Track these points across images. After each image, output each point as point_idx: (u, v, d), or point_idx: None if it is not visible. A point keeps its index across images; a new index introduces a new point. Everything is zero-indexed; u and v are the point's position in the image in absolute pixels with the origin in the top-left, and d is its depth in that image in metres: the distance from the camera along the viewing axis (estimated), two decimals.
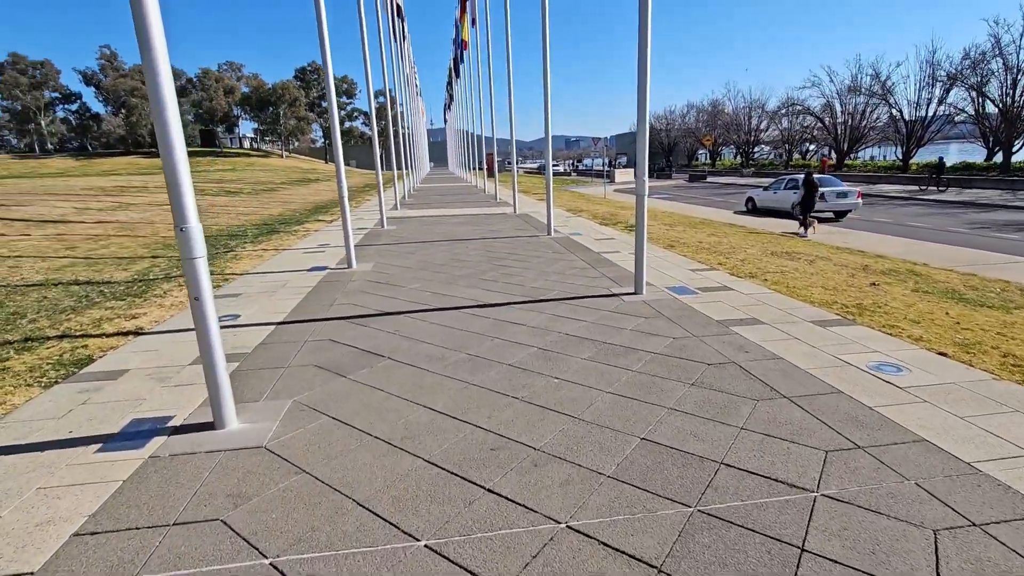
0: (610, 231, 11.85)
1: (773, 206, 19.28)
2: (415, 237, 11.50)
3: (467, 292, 6.57)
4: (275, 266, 8.55)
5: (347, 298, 6.42)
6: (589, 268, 7.85)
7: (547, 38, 10.20)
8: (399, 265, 8.40)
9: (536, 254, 9.07)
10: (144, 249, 10.41)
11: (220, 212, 17.13)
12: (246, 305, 6.19)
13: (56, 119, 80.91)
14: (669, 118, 66.30)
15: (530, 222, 13.75)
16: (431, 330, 5.12)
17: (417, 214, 16.46)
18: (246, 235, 12.35)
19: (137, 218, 14.75)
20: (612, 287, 6.68)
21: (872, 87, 35.78)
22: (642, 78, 5.77)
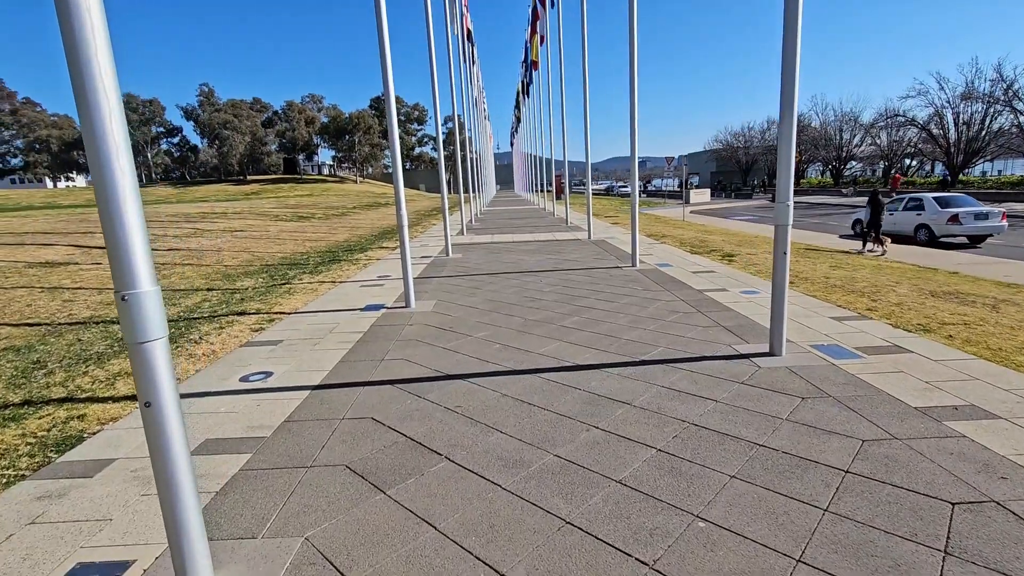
0: (705, 261, 10.19)
1: (889, 229, 16.68)
2: (482, 267, 10.38)
3: (545, 345, 5.26)
4: (327, 303, 7.65)
5: (400, 351, 5.29)
6: (694, 312, 6.32)
7: (635, 51, 8.91)
8: (463, 304, 7.25)
9: (623, 291, 7.64)
10: (202, 280, 9.96)
11: (287, 239, 16.97)
12: (284, 358, 5.20)
13: (161, 151, 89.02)
14: (747, 135, 62.78)
15: (608, 250, 12.31)
16: (503, 408, 3.84)
17: (484, 240, 15.46)
18: (307, 264, 11.77)
19: (207, 245, 14.72)
20: (734, 342, 5.14)
21: (993, 92, 31.51)
22: (788, 71, 4.31)
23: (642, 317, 6.18)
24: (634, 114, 9.26)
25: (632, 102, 9.23)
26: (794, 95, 4.36)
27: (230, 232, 17.97)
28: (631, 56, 8.98)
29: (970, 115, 33.37)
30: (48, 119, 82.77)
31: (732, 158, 65.92)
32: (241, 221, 22.01)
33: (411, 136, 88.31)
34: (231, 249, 14.20)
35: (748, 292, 7.29)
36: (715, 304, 6.67)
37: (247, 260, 12.53)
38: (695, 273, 8.89)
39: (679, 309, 6.49)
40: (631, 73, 9.05)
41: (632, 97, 9.21)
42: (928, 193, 16.19)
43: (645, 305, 6.76)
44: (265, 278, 10.06)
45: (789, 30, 4.24)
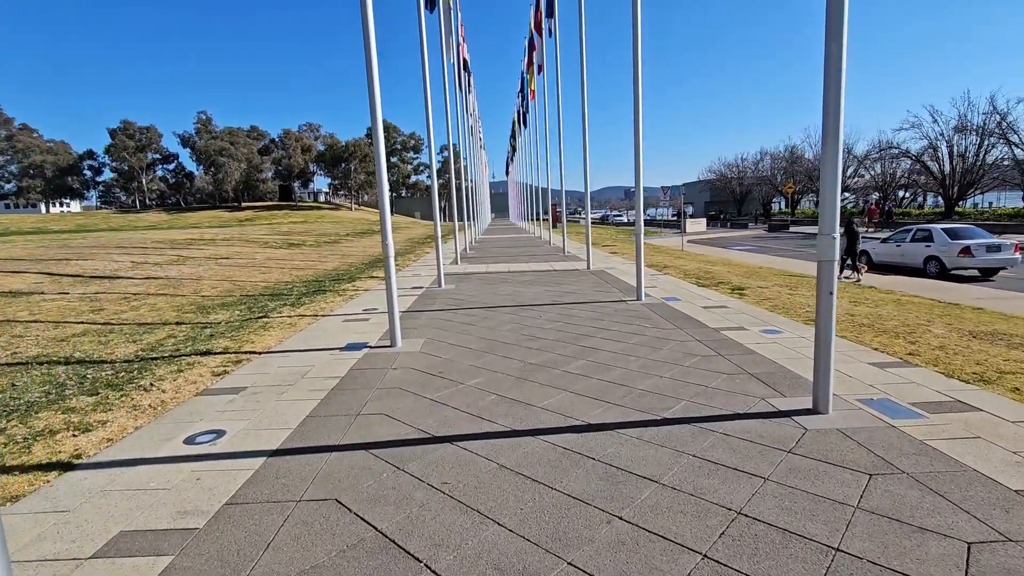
0: (714, 295, 9.54)
1: (896, 261, 16.22)
2: (476, 300, 9.69)
3: (549, 396, 4.53)
4: (305, 341, 6.90)
5: (380, 402, 4.54)
6: (714, 355, 5.63)
7: (639, 83, 8.46)
8: (455, 343, 6.52)
9: (630, 329, 6.95)
10: (174, 312, 9.20)
11: (273, 267, 16.27)
12: (243, 411, 4.43)
13: (156, 177, 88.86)
14: (741, 166, 63.31)
15: (609, 281, 11.67)
16: (501, 486, 3.09)
17: (479, 270, 14.82)
18: (289, 295, 11.04)
19: (188, 273, 13.99)
20: (768, 395, 4.43)
21: (986, 124, 31.71)
22: (833, 93, 3.74)
23: (656, 361, 5.48)
24: (639, 143, 8.74)
25: (636, 131, 8.72)
26: (839, 117, 3.77)
27: (215, 259, 17.27)
28: (635, 88, 8.51)
29: (964, 147, 33.55)
30: (44, 145, 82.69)
31: (726, 188, 66.32)
32: (228, 248, 21.33)
33: (407, 164, 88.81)
34: (212, 278, 13.47)
35: (769, 331, 6.62)
36: (736, 346, 5.98)
37: (227, 290, 11.79)
38: (706, 308, 8.22)
39: (696, 351, 5.80)
40: (635, 104, 8.57)
41: (636, 126, 8.71)
42: (937, 224, 15.79)
43: (657, 346, 6.06)
44: (242, 310, 9.31)
45: (832, 57, 3.68)
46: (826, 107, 3.78)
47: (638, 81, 8.46)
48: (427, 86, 11.07)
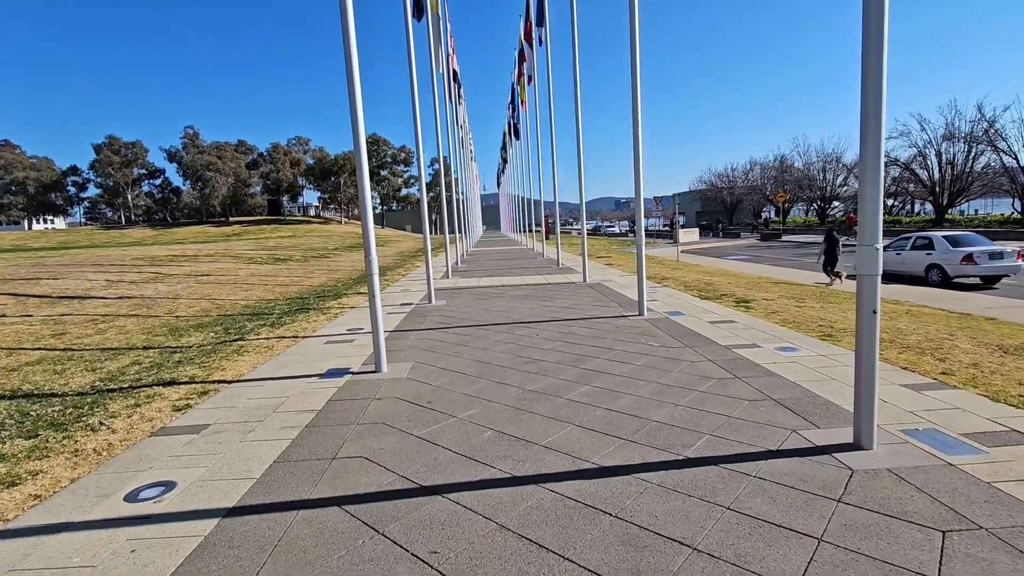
0: (719, 308, 9.08)
1: (896, 270, 15.92)
2: (468, 317, 9.16)
3: (552, 431, 4.00)
4: (281, 367, 6.32)
5: (360, 442, 3.98)
6: (730, 378, 5.13)
7: (637, 91, 8.06)
8: (446, 367, 5.98)
9: (636, 348, 6.44)
10: (143, 335, 8.58)
11: (256, 284, 15.63)
12: (200, 455, 3.85)
13: (142, 193, 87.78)
14: (731, 176, 63.58)
15: (608, 295, 11.19)
16: (501, 556, 2.54)
17: (471, 284, 14.29)
18: (270, 314, 10.44)
19: (164, 292, 13.33)
20: (800, 426, 3.93)
21: (974, 132, 31.88)
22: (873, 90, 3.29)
23: (668, 386, 4.96)
24: (638, 150, 8.31)
25: (636, 137, 8.29)
26: (880, 120, 3.32)
27: (195, 277, 16.60)
28: (633, 92, 8.11)
29: (953, 155, 33.72)
30: (26, 161, 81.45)
31: (717, 198, 66.54)
32: (211, 264, 20.65)
33: (397, 177, 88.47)
34: (189, 296, 12.82)
35: (785, 349, 6.14)
36: (752, 367, 5.49)
37: (204, 309, 11.15)
38: (713, 324, 7.74)
39: (710, 373, 5.29)
40: (634, 108, 8.16)
41: (635, 132, 8.28)
42: (938, 232, 15.53)
43: (667, 368, 5.56)
44: (218, 332, 8.70)
45: (872, 63, 3.24)
46: (865, 112, 3.34)
47: (636, 84, 8.06)
48: (415, 96, 10.64)
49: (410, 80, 10.53)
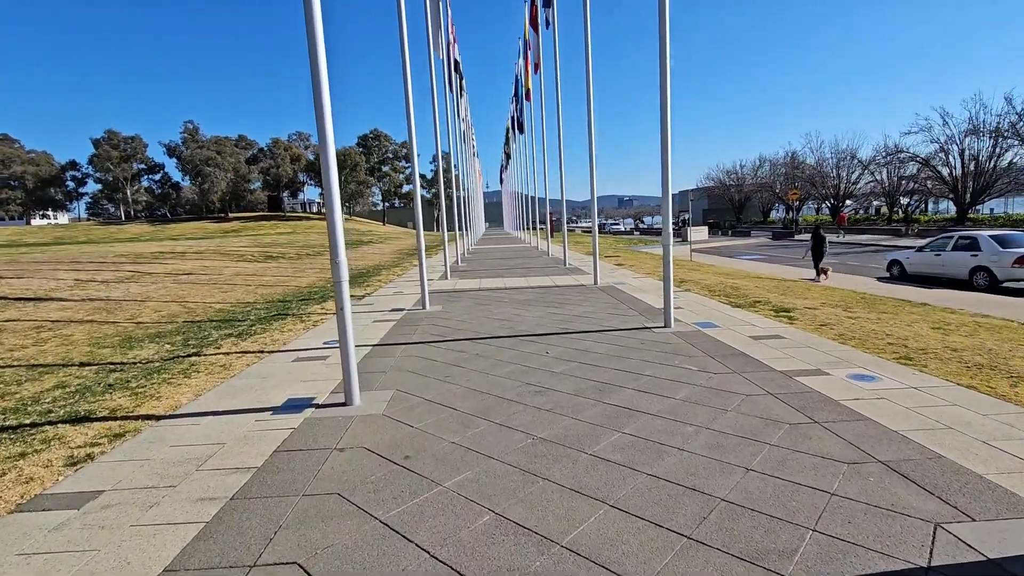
0: (756, 319, 7.82)
1: (935, 272, 14.61)
2: (466, 327, 7.93)
3: (577, 521, 2.76)
4: (231, 394, 5.10)
5: (299, 533, 2.75)
6: (807, 423, 3.88)
7: (667, 60, 6.79)
8: (433, 400, 4.74)
9: (671, 374, 5.20)
10: (88, 346, 7.38)
11: (239, 284, 14.43)
12: (61, 558, 2.63)
13: (142, 188, 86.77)
14: (740, 173, 62.08)
15: (623, 300, 9.93)
16: None
17: (470, 286, 13.06)
18: (244, 320, 9.23)
19: (135, 293, 12.13)
20: (939, 512, 2.68)
21: (1000, 126, 30.35)
22: None
23: (726, 435, 3.72)
24: (666, 138, 7.03)
25: (664, 129, 7.01)
26: None
27: (175, 275, 15.41)
28: (663, 87, 6.84)
29: (977, 151, 32.21)
30: (24, 155, 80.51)
31: (725, 196, 65.05)
32: (197, 262, 19.46)
33: (398, 173, 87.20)
34: (161, 298, 11.62)
35: (861, 378, 4.88)
36: (829, 405, 4.24)
37: (171, 314, 9.96)
38: (757, 340, 6.49)
39: (777, 415, 4.05)
40: (663, 105, 6.90)
41: (664, 125, 7.01)
42: (984, 231, 14.20)
43: (717, 404, 4.31)
44: (175, 343, 7.50)
45: None
46: None
47: (666, 73, 6.79)
48: (407, 77, 9.38)
49: (402, 58, 9.31)
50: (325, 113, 4.39)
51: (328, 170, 4.46)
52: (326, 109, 4.40)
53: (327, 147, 4.47)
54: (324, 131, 4.41)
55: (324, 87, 4.37)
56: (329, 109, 4.44)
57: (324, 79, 4.37)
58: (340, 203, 4.60)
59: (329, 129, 4.45)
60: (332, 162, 4.50)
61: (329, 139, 4.47)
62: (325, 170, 4.47)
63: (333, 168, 4.49)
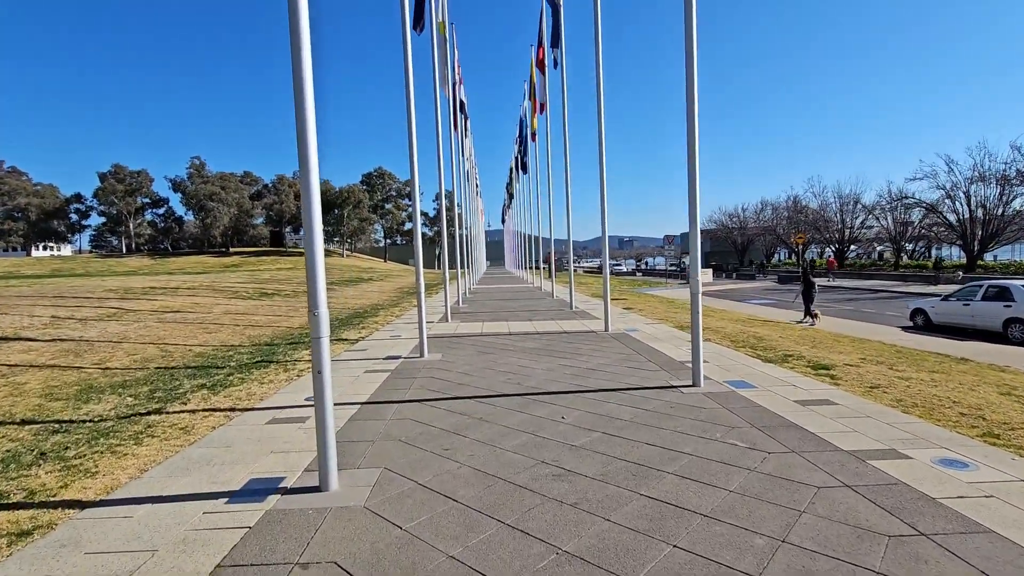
0: (795, 378, 6.95)
1: (963, 323, 13.79)
2: (468, 382, 7.06)
3: None
4: (182, 471, 4.21)
5: None
6: (913, 536, 3.00)
7: (695, 108, 6.23)
8: (428, 487, 3.85)
9: (717, 453, 4.32)
10: (39, 398, 6.49)
11: (227, 324, 13.60)
12: None
13: (144, 222, 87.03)
14: (742, 216, 62.13)
15: (640, 350, 9.08)
16: None
17: (473, 331, 12.23)
18: (222, 367, 8.36)
19: (113, 332, 11.29)
20: None
21: (1007, 172, 30.16)
22: None
23: (815, 556, 2.83)
24: (695, 181, 6.38)
25: (692, 167, 6.38)
26: None
27: (161, 313, 14.60)
28: (690, 123, 6.26)
29: (983, 197, 31.95)
30: (30, 187, 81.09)
31: (727, 238, 64.95)
32: (187, 298, 18.69)
33: (402, 211, 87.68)
34: (139, 340, 10.78)
35: (951, 464, 4.00)
36: (931, 507, 3.35)
37: (145, 358, 9.09)
38: (804, 405, 5.62)
39: (870, 522, 3.15)
40: (690, 144, 6.30)
41: (692, 161, 6.38)
42: (1015, 280, 13.49)
43: (787, 502, 3.42)
44: (139, 395, 6.63)
45: None
46: None
47: (693, 101, 6.20)
48: (411, 110, 8.86)
49: (406, 94, 8.81)
50: (309, 143, 3.70)
51: (311, 208, 3.73)
52: (310, 142, 3.71)
53: (310, 184, 3.76)
54: (307, 163, 3.71)
55: (310, 122, 3.70)
56: (314, 143, 3.76)
57: (310, 117, 3.70)
58: (323, 244, 3.85)
59: (313, 162, 3.76)
60: (315, 198, 3.78)
61: (312, 172, 3.77)
62: (307, 211, 3.74)
63: (316, 205, 3.76)
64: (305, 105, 3.67)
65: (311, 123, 3.73)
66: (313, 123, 3.77)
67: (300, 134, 3.69)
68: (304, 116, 3.67)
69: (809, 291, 15.37)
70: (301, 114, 3.67)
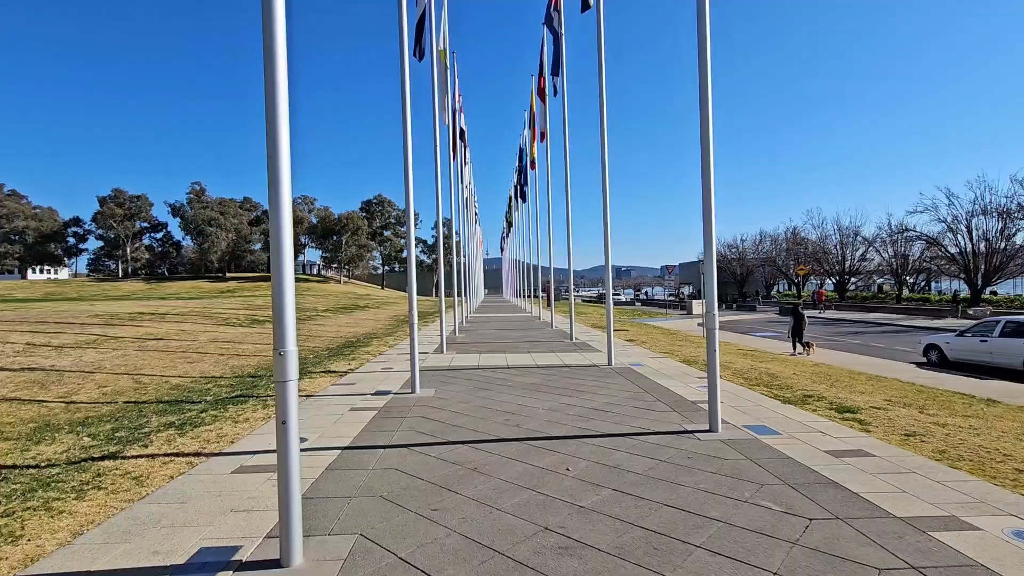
0: (820, 422, 6.35)
1: (981, 360, 13.23)
2: (462, 423, 6.44)
3: None
4: (125, 535, 3.57)
5: None
6: None
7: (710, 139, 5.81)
8: (415, 564, 3.22)
9: (750, 521, 3.71)
10: None
11: (211, 353, 12.97)
12: None
13: (142, 246, 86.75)
14: (741, 247, 62.05)
15: (647, 388, 8.48)
16: None
17: (469, 363, 11.62)
18: (198, 401, 7.73)
19: (86, 362, 10.65)
20: None
21: (1008, 205, 30.04)
22: None
23: None
24: (710, 211, 5.94)
25: (707, 197, 5.93)
26: None
27: (143, 340, 13.97)
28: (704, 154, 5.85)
29: (984, 230, 31.79)
30: (29, 211, 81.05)
31: (727, 269, 64.74)
32: (174, 325, 18.06)
33: (400, 238, 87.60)
34: (113, 369, 10.14)
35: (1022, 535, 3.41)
36: None
37: (116, 391, 8.46)
38: (837, 456, 5.02)
39: None
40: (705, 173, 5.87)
41: (707, 191, 5.93)
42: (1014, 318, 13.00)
43: None
44: (101, 434, 6.00)
45: None
46: None
47: (708, 131, 5.80)
48: (407, 131, 8.50)
49: (403, 120, 8.46)
50: (281, 157, 3.22)
51: (280, 231, 3.23)
52: (282, 157, 3.24)
53: (280, 202, 3.27)
54: (278, 176, 3.22)
55: (283, 135, 3.23)
56: (287, 159, 3.29)
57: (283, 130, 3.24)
58: (292, 270, 3.33)
59: (285, 176, 3.27)
60: (285, 218, 3.28)
61: (284, 189, 3.28)
62: (275, 234, 3.23)
63: (286, 226, 3.26)
64: (278, 122, 3.21)
65: (284, 136, 3.26)
66: (287, 136, 3.31)
67: (270, 146, 3.21)
68: (276, 128, 3.20)
69: (799, 325, 16.08)
70: (272, 125, 3.20)
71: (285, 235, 3.22)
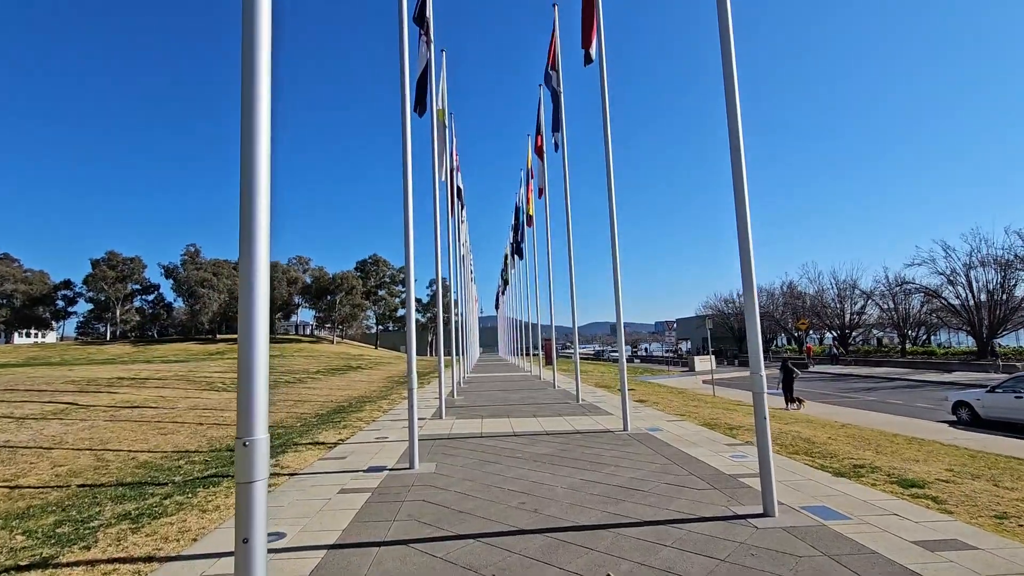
0: (889, 501, 5.47)
1: (1016, 418, 12.39)
2: (470, 511, 5.50)
3: None
4: None
5: None
6: None
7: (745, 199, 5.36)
8: None
9: None
10: None
11: (189, 423, 11.90)
12: None
13: (133, 308, 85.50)
14: (738, 302, 61.76)
15: (673, 457, 7.55)
16: None
17: (471, 430, 10.63)
18: (163, 484, 6.71)
19: (47, 436, 9.59)
20: None
21: (1006, 257, 30.01)
22: None
23: None
24: (749, 270, 5.35)
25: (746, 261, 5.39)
26: None
27: (117, 409, 12.89)
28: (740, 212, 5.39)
29: (985, 282, 31.63)
30: (20, 274, 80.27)
31: (724, 324, 64.22)
32: (154, 391, 16.95)
33: (395, 297, 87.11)
34: (76, 444, 9.09)
35: None
36: None
37: (73, 470, 7.43)
38: (932, 551, 4.13)
39: None
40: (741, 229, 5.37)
41: (745, 254, 5.39)
42: None
43: None
44: (40, 530, 5.00)
45: None
46: None
47: (742, 183, 5.33)
48: (408, 188, 8.03)
49: (404, 175, 8.02)
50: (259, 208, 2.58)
51: (252, 290, 2.53)
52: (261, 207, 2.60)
53: (254, 255, 2.59)
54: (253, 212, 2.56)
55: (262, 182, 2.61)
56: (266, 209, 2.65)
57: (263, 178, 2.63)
58: (267, 334, 2.60)
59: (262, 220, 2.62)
60: (260, 276, 2.59)
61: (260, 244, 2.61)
62: (246, 293, 2.53)
63: (261, 285, 2.56)
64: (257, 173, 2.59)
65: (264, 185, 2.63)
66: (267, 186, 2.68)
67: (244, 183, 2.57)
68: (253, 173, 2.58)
69: (789, 379, 16.79)
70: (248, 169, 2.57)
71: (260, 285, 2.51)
